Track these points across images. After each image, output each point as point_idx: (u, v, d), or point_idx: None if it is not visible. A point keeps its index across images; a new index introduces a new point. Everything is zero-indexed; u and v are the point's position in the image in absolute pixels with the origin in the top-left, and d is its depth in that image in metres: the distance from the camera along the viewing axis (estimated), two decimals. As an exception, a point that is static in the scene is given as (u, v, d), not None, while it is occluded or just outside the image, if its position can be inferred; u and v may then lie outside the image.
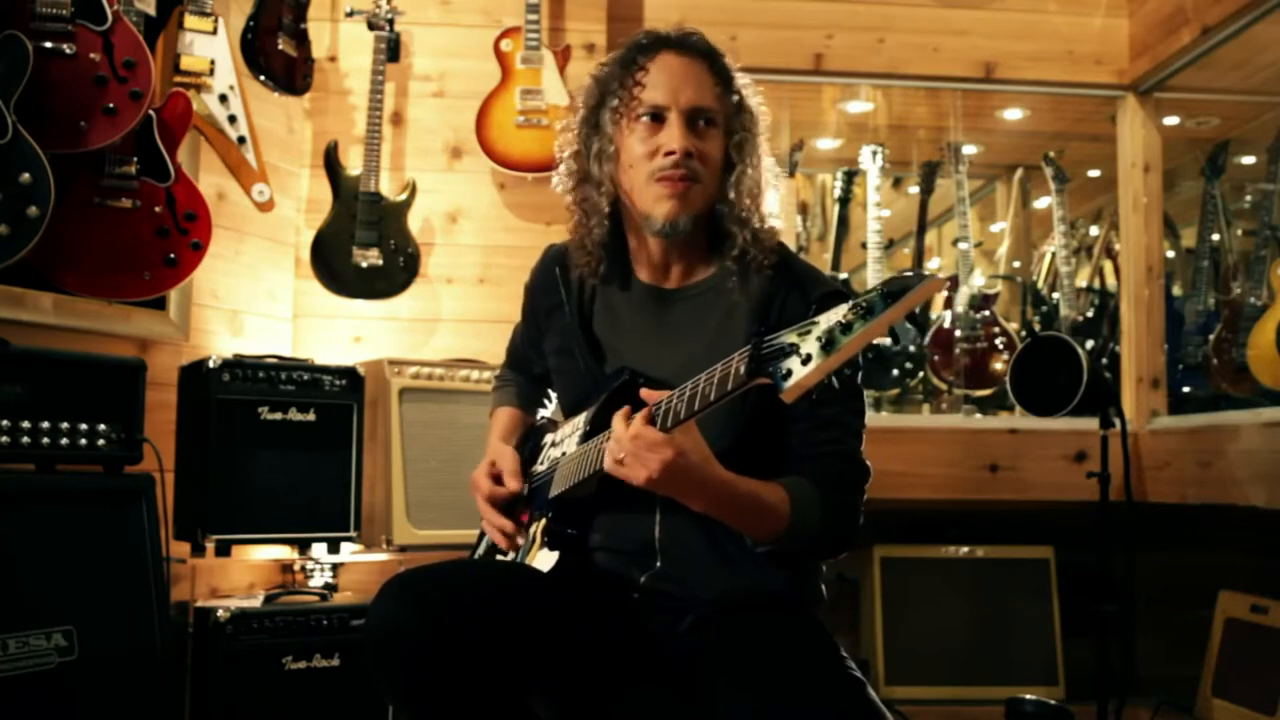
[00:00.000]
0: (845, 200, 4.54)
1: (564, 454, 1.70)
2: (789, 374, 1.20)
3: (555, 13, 3.51)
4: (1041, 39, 3.82)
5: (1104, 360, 4.23)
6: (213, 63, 2.89)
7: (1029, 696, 3.30)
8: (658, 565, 1.63)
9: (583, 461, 1.60)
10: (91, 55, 2.43)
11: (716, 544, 1.61)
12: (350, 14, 3.33)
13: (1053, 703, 3.27)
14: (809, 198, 5.10)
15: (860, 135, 4.56)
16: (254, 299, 3.21)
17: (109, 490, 2.32)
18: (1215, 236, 4.12)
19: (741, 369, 1.27)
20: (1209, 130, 4.56)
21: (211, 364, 2.65)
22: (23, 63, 2.27)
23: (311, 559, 2.93)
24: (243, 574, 3.05)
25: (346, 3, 3.34)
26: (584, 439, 1.64)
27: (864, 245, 4.23)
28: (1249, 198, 4.40)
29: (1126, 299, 3.90)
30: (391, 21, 3.31)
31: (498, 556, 1.80)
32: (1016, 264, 5.06)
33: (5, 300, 2.41)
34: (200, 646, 2.58)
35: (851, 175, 4.55)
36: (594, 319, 1.75)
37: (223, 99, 2.94)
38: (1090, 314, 4.43)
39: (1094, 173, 5.07)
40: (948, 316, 4.29)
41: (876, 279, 4.12)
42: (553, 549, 1.66)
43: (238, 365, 2.70)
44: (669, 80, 1.62)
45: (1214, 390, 3.85)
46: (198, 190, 2.71)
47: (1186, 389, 3.99)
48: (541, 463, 1.78)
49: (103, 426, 2.31)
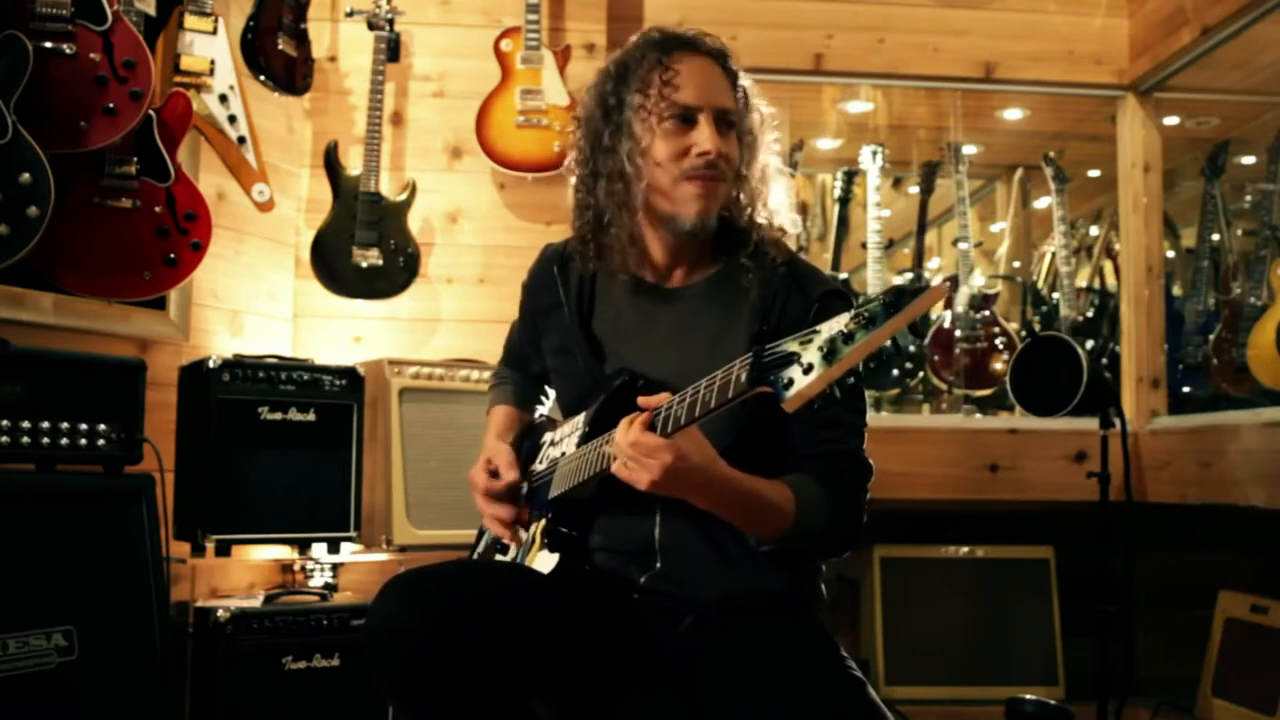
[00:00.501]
0: (845, 200, 4.54)
1: (563, 454, 1.70)
2: (790, 383, 1.20)
3: (555, 13, 3.51)
4: (1041, 39, 3.82)
5: (1104, 360, 4.23)
6: (213, 63, 2.89)
7: (1029, 696, 3.29)
8: (658, 566, 1.63)
9: (582, 463, 1.60)
10: (91, 55, 2.43)
11: (716, 544, 1.61)
12: (350, 14, 3.33)
13: (1053, 703, 3.27)
14: (809, 198, 5.10)
15: (860, 135, 4.56)
16: (254, 299, 3.21)
17: (109, 490, 2.32)
18: (1215, 236, 4.12)
19: (743, 377, 1.26)
20: (1209, 130, 4.56)
21: (211, 364, 2.65)
22: (23, 63, 2.27)
23: (311, 559, 2.93)
24: (243, 574, 3.05)
25: (346, 3, 3.34)
26: (583, 440, 1.64)
27: (864, 245, 4.23)
28: (1249, 198, 4.40)
29: (1126, 299, 3.90)
30: (391, 21, 3.31)
31: (497, 555, 1.80)
32: (1016, 264, 5.06)
33: (5, 300, 2.41)
34: (200, 646, 2.58)
35: (851, 175, 4.55)
36: (593, 318, 1.75)
37: (223, 99, 2.94)
38: (1090, 314, 4.43)
39: (1094, 173, 5.07)
40: (948, 316, 4.29)
41: (876, 279, 4.12)
42: (553, 550, 1.66)
43: (238, 365, 2.70)
44: (699, 81, 1.63)
45: (1214, 390, 3.85)
46: (198, 190, 2.71)
47: (1186, 389, 3.99)
48: (541, 462, 1.78)
49: (103, 426, 2.31)
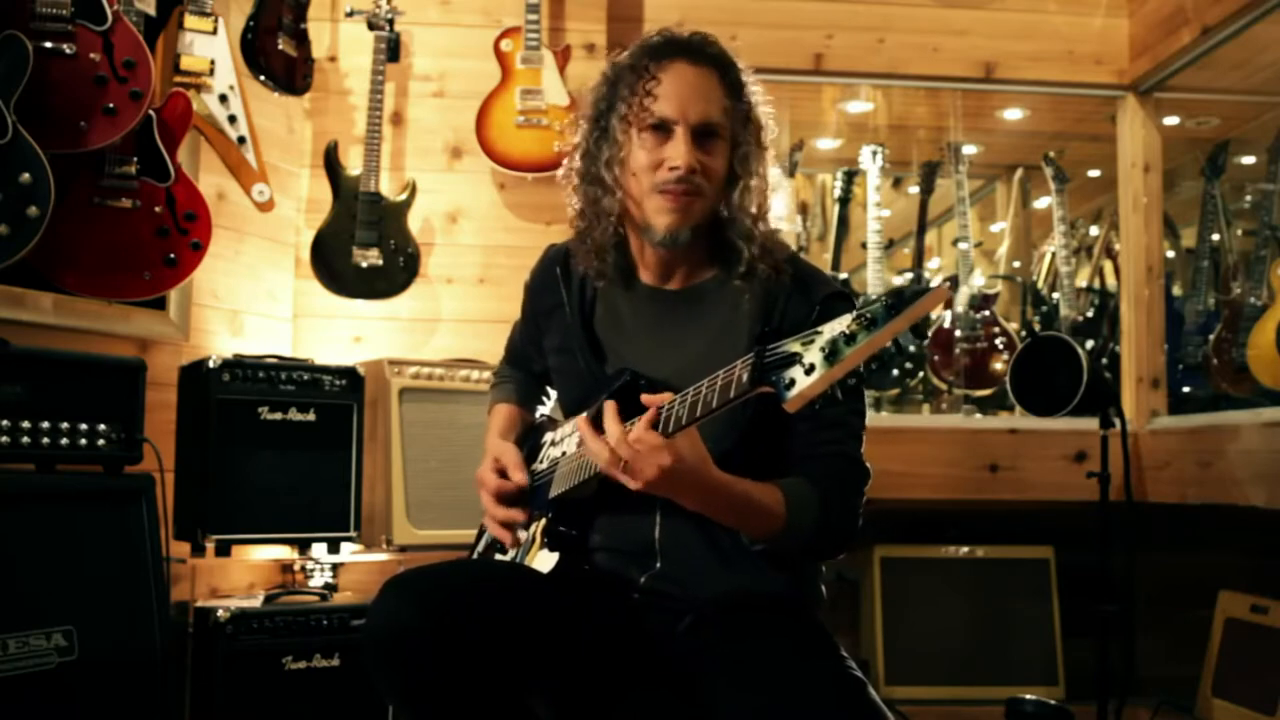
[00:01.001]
0: (845, 200, 4.55)
1: (564, 454, 1.70)
2: (792, 384, 1.20)
3: (555, 13, 3.51)
4: (1041, 39, 3.82)
5: (1104, 360, 4.23)
6: (213, 63, 2.89)
7: (1029, 696, 3.30)
8: (657, 566, 1.63)
9: (583, 462, 1.60)
10: (91, 55, 2.43)
11: (716, 545, 1.61)
12: (350, 14, 3.33)
13: (1053, 703, 3.27)
14: (809, 198, 5.10)
15: (860, 135, 4.56)
16: (254, 299, 3.21)
17: (109, 490, 2.32)
18: (1215, 236, 4.12)
19: (744, 377, 1.27)
20: (1209, 130, 4.56)
21: (211, 364, 2.65)
22: (23, 63, 2.27)
23: (311, 559, 2.93)
24: (243, 574, 3.05)
25: (346, 3, 3.34)
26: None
27: (864, 245, 4.23)
28: (1249, 198, 4.40)
29: (1126, 299, 3.91)
30: (391, 21, 3.31)
31: (497, 554, 1.80)
32: (1016, 264, 5.06)
33: (5, 300, 2.41)
34: (200, 646, 2.58)
35: (851, 175, 4.55)
36: (595, 319, 1.75)
37: (223, 99, 2.94)
38: (1090, 314, 4.43)
39: (1094, 173, 5.07)
40: (948, 316, 4.29)
41: (876, 279, 4.13)
42: (553, 549, 1.66)
43: (238, 365, 2.70)
44: (679, 93, 1.61)
45: (1214, 390, 3.85)
46: (198, 190, 2.71)
47: (1186, 389, 3.99)
48: (541, 461, 1.78)
49: (103, 426, 2.31)
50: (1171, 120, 4.13)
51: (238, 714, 2.53)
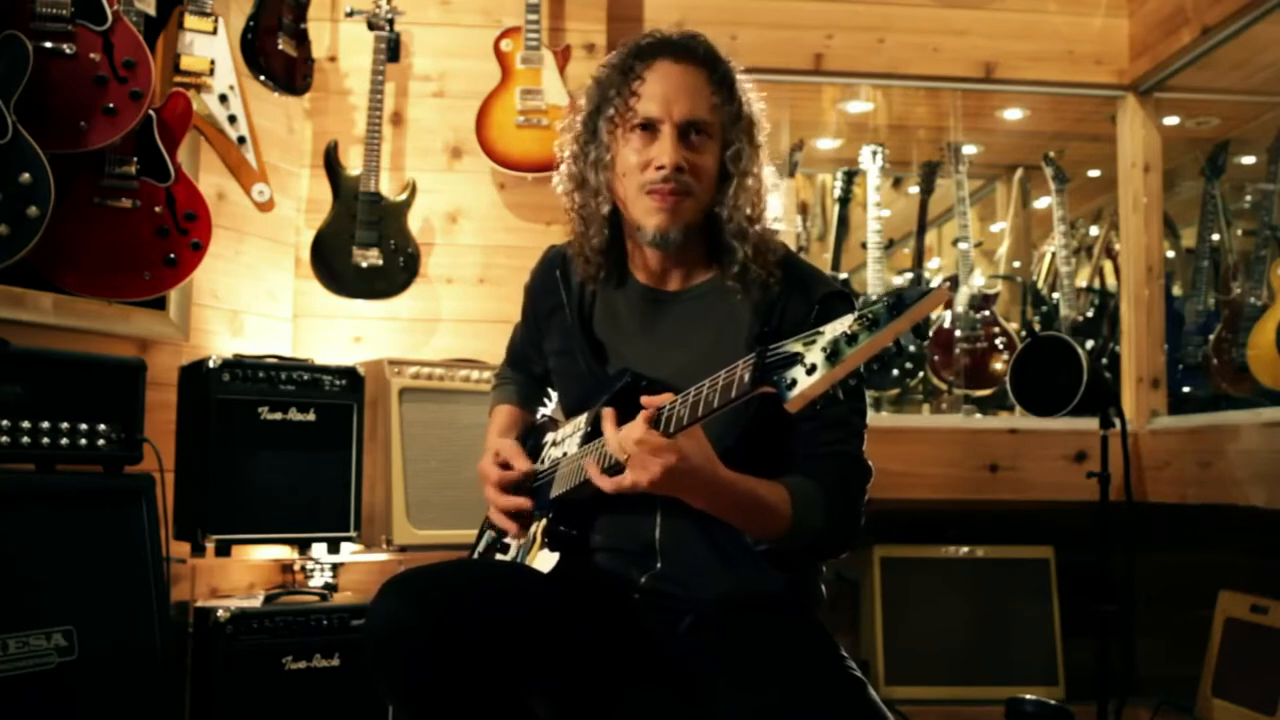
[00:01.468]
0: (845, 200, 4.55)
1: (565, 454, 1.70)
2: (793, 384, 1.20)
3: (555, 13, 3.51)
4: (1041, 39, 3.82)
5: (1104, 360, 4.23)
6: (213, 63, 2.89)
7: (1029, 696, 3.30)
8: (658, 566, 1.63)
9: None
10: (91, 55, 2.43)
11: (717, 545, 1.61)
12: (350, 14, 3.33)
13: (1053, 703, 3.27)
14: (809, 198, 5.10)
15: (860, 135, 4.56)
16: (254, 299, 3.21)
17: (109, 490, 2.32)
18: (1215, 236, 4.12)
19: (746, 377, 1.26)
20: (1209, 130, 4.56)
21: (211, 364, 2.65)
22: (23, 63, 2.27)
23: (311, 559, 2.93)
24: (243, 574, 3.05)
25: (346, 3, 3.34)
26: (585, 440, 1.64)
27: (864, 245, 4.23)
28: (1249, 198, 4.40)
29: (1126, 299, 3.91)
30: (391, 21, 3.31)
31: (497, 554, 1.80)
32: (1016, 264, 5.06)
33: (5, 300, 2.41)
34: (200, 646, 2.58)
35: (851, 175, 4.56)
36: (595, 320, 1.75)
37: (223, 99, 2.94)
38: (1090, 314, 4.43)
39: (1094, 173, 5.07)
40: (948, 316, 4.29)
41: (876, 279, 4.13)
42: (553, 549, 1.66)
43: (238, 365, 2.70)
44: (664, 91, 1.60)
45: (1214, 390, 3.85)
46: (198, 190, 2.71)
47: (1186, 389, 3.99)
48: (542, 462, 1.78)
49: (103, 426, 2.31)
50: (1171, 120, 4.13)
51: (238, 714, 2.53)
